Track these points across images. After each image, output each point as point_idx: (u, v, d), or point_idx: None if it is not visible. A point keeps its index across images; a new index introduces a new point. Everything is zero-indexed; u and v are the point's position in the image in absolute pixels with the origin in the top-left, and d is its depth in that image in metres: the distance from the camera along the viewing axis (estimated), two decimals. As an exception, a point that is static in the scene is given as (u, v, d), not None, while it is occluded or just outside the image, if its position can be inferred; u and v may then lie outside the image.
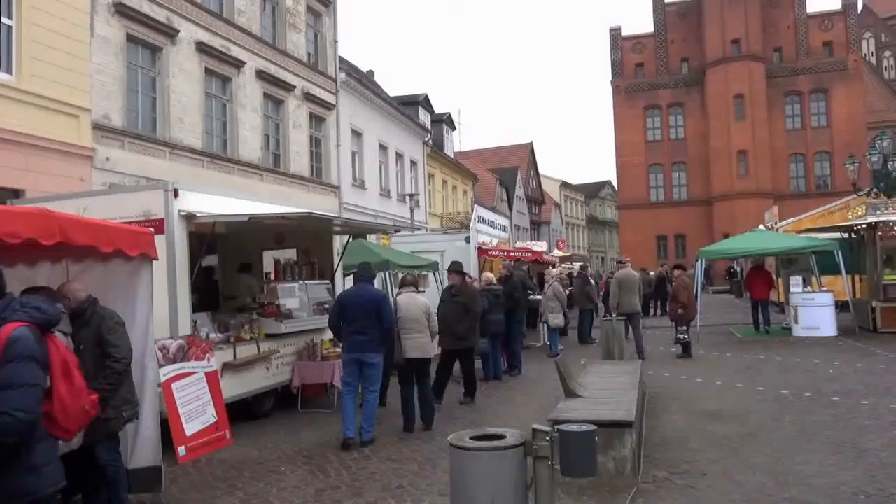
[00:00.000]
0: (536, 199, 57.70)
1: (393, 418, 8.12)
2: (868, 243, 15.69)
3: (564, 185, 68.98)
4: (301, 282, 9.75)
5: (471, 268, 13.80)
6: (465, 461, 3.62)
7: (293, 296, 9.55)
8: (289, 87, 18.72)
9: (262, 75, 17.50)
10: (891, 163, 21.40)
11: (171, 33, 14.44)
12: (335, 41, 21.64)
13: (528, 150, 57.29)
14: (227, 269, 10.28)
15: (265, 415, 8.45)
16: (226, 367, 7.58)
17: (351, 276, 8.56)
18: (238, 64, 16.63)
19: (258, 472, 6.20)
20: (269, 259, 10.29)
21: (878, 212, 15.55)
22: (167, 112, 14.40)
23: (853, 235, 16.60)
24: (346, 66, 22.70)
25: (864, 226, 15.62)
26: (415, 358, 7.60)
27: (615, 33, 51.80)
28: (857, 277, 16.82)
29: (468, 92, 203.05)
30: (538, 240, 42.16)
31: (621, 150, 51.08)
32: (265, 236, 9.95)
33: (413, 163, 28.64)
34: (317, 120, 20.47)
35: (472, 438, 3.72)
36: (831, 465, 5.63)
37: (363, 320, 7.01)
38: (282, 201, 11.12)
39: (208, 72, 15.79)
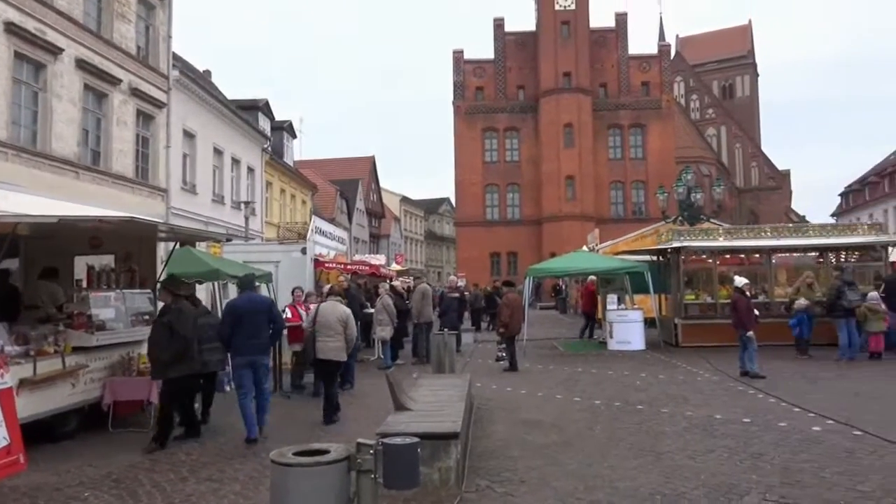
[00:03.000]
0: (377, 213, 57.97)
1: (214, 436, 7.74)
2: (673, 266, 17.42)
3: (405, 199, 69.99)
4: (118, 290, 9.00)
5: (306, 280, 13.54)
6: (286, 477, 3.52)
7: (108, 305, 8.77)
8: (114, 81, 17.34)
9: (83, 65, 16.06)
10: (693, 195, 24.01)
11: (-28, 8, 12.84)
12: (169, 36, 20.38)
13: (370, 163, 57.56)
14: (31, 275, 9.25)
15: (69, 436, 7.66)
16: (23, 383, 6.79)
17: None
18: (54, 50, 15.13)
19: (55, 499, 5.61)
20: (81, 265, 9.39)
21: (682, 238, 17.33)
22: (-37, 96, 12.77)
23: (661, 259, 18.36)
24: (180, 63, 21.45)
25: (670, 250, 17.32)
26: (325, 359, 8.63)
27: (458, 56, 53.63)
28: (663, 297, 18.62)
29: (311, 101, 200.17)
30: (377, 253, 42.30)
31: (460, 168, 52.79)
32: (80, 240, 9.07)
33: (250, 169, 27.63)
34: (145, 118, 19.12)
35: (295, 454, 3.63)
36: (634, 469, 6.14)
37: (256, 326, 7.70)
38: (101, 202, 10.26)
39: (18, 56, 14.21)
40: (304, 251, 14.28)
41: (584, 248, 27.00)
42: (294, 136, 36.94)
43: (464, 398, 7.50)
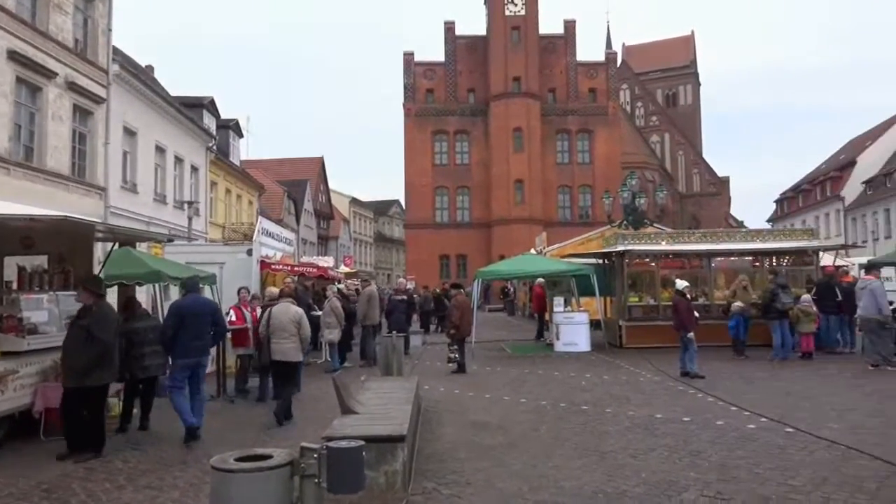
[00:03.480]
0: (325, 214, 57.43)
1: (155, 443, 7.52)
2: (617, 269, 17.78)
3: (354, 201, 69.56)
4: (52, 293, 8.66)
5: (252, 282, 13.29)
6: (227, 484, 3.44)
7: (40, 308, 8.45)
8: (49, 74, 16.68)
9: (14, 56, 15.40)
10: (637, 200, 24.60)
11: None
12: (109, 29, 19.72)
13: (319, 163, 57.01)
14: (-44, 277, 8.80)
15: (-4, 445, 7.31)
16: (-54, 390, 6.46)
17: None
18: (-15, 41, 14.48)
19: (-18, 511, 5.35)
20: (12, 266, 8.99)
21: (626, 242, 17.71)
22: None
23: (606, 262, 18.71)
24: (120, 57, 20.80)
25: (614, 254, 17.67)
26: (279, 360, 8.81)
27: (408, 58, 53.62)
28: (608, 299, 18.99)
29: (258, 100, 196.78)
30: (325, 255, 41.89)
31: (410, 171, 52.76)
32: (11, 239, 8.67)
33: (194, 168, 26.97)
34: (82, 113, 18.45)
35: (236, 460, 3.56)
36: (578, 468, 6.23)
37: (200, 328, 7.88)
38: (34, 200, 9.84)
39: (-56, 45, 13.55)
40: (249, 253, 14.02)
41: (533, 250, 27.32)
42: (241, 136, 36.29)
43: (411, 401, 7.48)
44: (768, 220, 62.46)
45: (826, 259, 18.70)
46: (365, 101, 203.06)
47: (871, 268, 14.12)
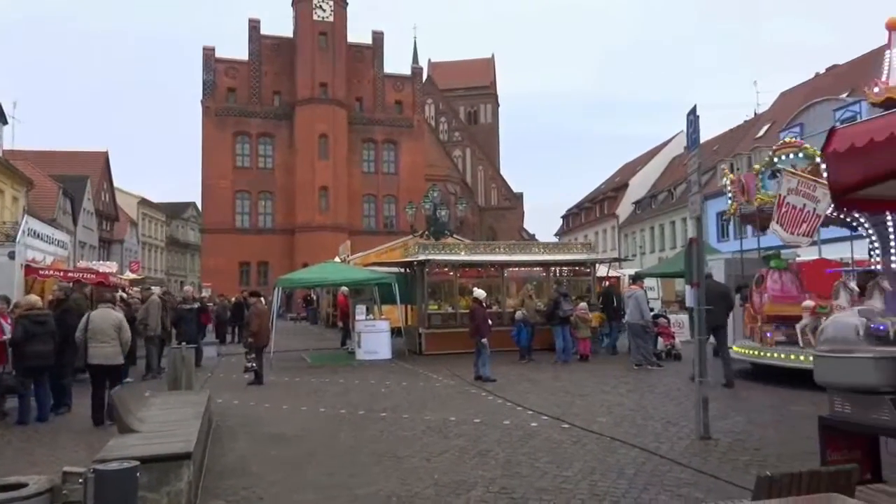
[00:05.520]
0: (109, 215, 52.40)
1: None
2: (418, 278, 18.30)
3: (144, 202, 64.30)
4: None
5: (14, 288, 11.77)
6: (-31, 521, 3.00)
7: None
8: None
9: None
10: (439, 211, 25.50)
11: None
12: None
13: (103, 158, 51.82)
14: None
15: None
16: None
17: None
18: None
19: None
20: None
21: (428, 252, 18.30)
22: None
23: (408, 271, 19.17)
24: None
25: (416, 263, 18.16)
26: (100, 364, 9.00)
27: (209, 53, 50.91)
28: (409, 307, 19.45)
29: (27, 83, 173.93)
30: (108, 259, 38.20)
31: (208, 172, 50.00)
32: None
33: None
34: None
35: (-17, 492, 3.12)
36: (374, 475, 6.29)
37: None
38: None
39: None
40: (11, 255, 12.39)
41: (337, 258, 27.21)
42: (5, 122, 31.95)
43: (200, 416, 7.07)
44: (556, 234, 68.13)
45: (601, 270, 20.79)
46: (161, 96, 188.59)
47: (637, 279, 15.98)
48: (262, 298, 14.11)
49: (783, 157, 11.35)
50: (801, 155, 10.92)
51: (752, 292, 12.83)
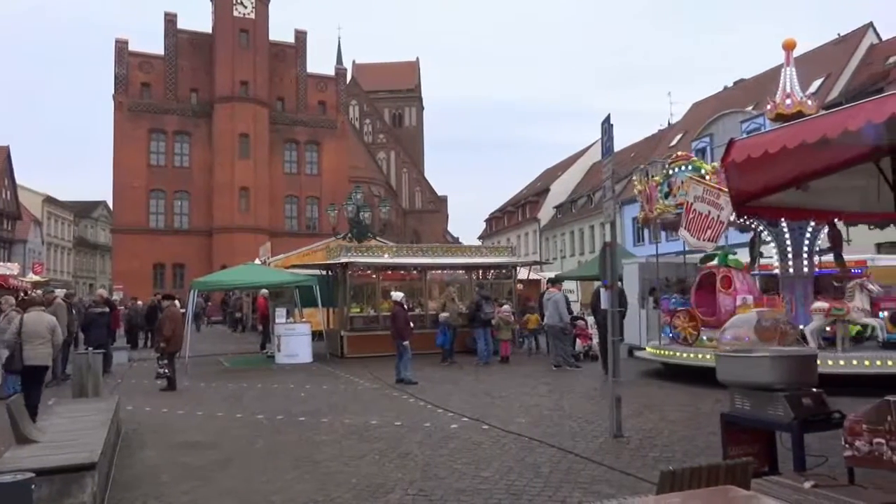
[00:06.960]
0: (10, 214, 49.41)
1: None
2: (340, 281, 18.12)
3: (49, 200, 60.91)
4: None
5: None
6: None
7: None
8: None
9: None
10: (362, 213, 25.35)
11: None
12: None
13: (4, 154, 48.88)
14: None
15: None
16: None
17: None
18: None
19: None
20: None
21: (350, 254, 18.15)
22: None
23: (330, 273, 18.95)
24: None
25: (338, 265, 17.98)
26: (34, 365, 9.23)
27: (121, 46, 48.70)
28: (331, 310, 19.23)
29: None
30: (9, 261, 35.98)
31: (120, 170, 47.75)
32: None
33: None
34: None
35: None
36: (291, 480, 6.19)
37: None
38: None
39: None
40: None
41: (257, 260, 26.58)
42: None
43: (107, 423, 6.77)
44: (479, 238, 68.86)
45: (522, 273, 21.17)
46: (68, 88, 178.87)
47: (556, 282, 16.35)
48: (176, 301, 13.62)
49: (676, 170, 12.19)
50: (690, 167, 11.87)
51: (697, 294, 12.27)
